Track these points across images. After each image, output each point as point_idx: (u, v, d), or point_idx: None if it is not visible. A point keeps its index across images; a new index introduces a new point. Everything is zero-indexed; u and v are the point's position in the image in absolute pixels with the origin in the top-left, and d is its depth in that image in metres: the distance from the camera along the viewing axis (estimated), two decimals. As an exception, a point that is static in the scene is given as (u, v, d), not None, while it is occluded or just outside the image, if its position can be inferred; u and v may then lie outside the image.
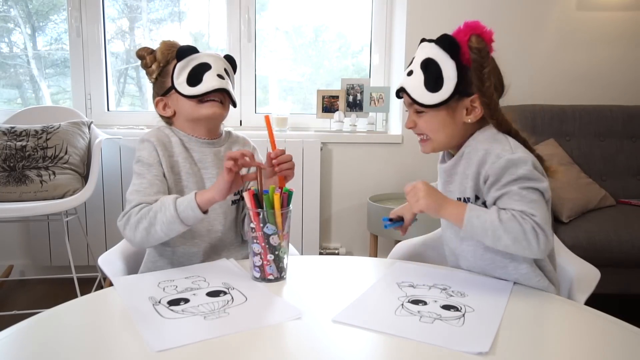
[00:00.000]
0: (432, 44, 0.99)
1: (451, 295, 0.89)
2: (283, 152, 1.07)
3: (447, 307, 0.84)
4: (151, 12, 2.76)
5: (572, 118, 2.41)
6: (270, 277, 0.95)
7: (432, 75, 0.97)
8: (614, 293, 1.82)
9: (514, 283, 0.97)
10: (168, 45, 1.19)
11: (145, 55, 1.20)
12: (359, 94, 2.66)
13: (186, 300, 0.85)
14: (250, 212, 0.94)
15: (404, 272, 1.02)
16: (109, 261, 1.12)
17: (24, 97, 2.75)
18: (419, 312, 0.82)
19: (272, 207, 0.93)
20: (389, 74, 2.73)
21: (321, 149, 2.47)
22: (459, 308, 0.84)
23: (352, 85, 2.65)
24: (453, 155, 1.07)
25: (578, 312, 0.87)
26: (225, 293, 0.89)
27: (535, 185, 0.92)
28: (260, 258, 0.94)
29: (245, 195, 0.95)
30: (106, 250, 1.17)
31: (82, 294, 1.09)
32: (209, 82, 1.14)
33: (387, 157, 2.57)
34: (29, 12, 2.70)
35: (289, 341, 0.74)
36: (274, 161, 1.05)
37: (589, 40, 2.55)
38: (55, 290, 2.40)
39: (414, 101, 0.99)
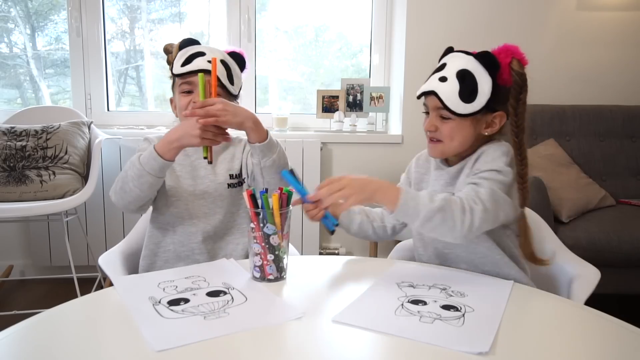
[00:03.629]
0: (471, 57, 1.03)
1: (451, 295, 0.89)
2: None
3: (447, 307, 0.84)
4: (151, 12, 2.76)
5: (572, 118, 2.41)
6: (270, 277, 0.95)
7: (468, 86, 1.01)
8: (614, 293, 1.82)
9: (514, 283, 0.97)
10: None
11: (170, 50, 1.27)
12: (359, 94, 2.66)
13: (186, 300, 0.85)
14: (249, 212, 0.95)
15: (404, 272, 1.02)
16: (109, 261, 1.12)
17: (24, 97, 2.75)
18: (418, 312, 0.82)
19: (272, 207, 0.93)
20: (389, 74, 2.73)
21: (321, 149, 2.47)
22: (459, 308, 0.84)
23: (352, 85, 2.65)
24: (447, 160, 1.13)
25: (578, 312, 0.87)
26: (225, 293, 0.89)
27: (500, 195, 0.97)
28: (260, 258, 0.94)
29: (244, 195, 0.96)
30: (106, 250, 1.18)
31: (82, 294, 1.09)
32: (197, 62, 1.17)
33: (387, 157, 2.57)
34: (29, 12, 2.70)
35: (289, 341, 0.74)
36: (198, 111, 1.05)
37: (588, 40, 2.55)
38: (55, 290, 2.40)
39: (446, 107, 1.02)
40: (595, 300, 0.97)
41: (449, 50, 1.09)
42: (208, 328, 0.75)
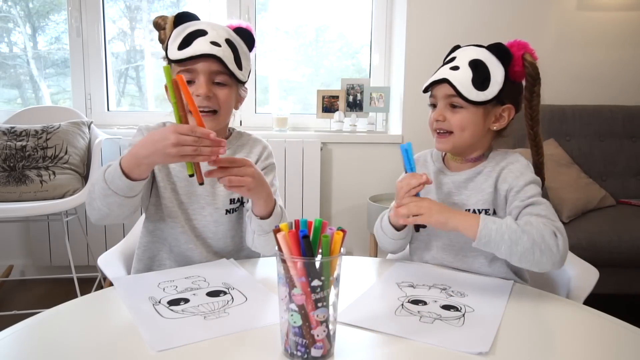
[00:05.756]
0: (482, 49, 1.02)
1: (451, 295, 0.89)
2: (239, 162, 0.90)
3: (447, 307, 0.84)
4: (151, 12, 2.76)
5: (572, 118, 2.41)
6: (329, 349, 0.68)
7: (481, 75, 0.99)
8: (614, 293, 1.82)
9: (514, 283, 0.97)
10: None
11: (162, 25, 1.10)
12: (359, 94, 2.66)
13: (186, 300, 0.85)
14: (297, 272, 0.63)
15: (403, 272, 1.02)
16: (109, 261, 1.12)
17: (24, 97, 2.75)
18: (419, 312, 0.82)
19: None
20: (389, 74, 2.73)
21: (321, 149, 2.47)
22: (459, 308, 0.84)
23: (352, 85, 2.65)
24: (445, 166, 1.12)
25: (578, 312, 0.87)
26: (225, 293, 0.89)
27: (551, 206, 0.97)
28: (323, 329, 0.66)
29: (283, 238, 0.64)
30: (106, 250, 1.17)
31: (82, 294, 1.09)
32: (198, 46, 0.99)
33: (387, 157, 2.57)
34: (29, 12, 2.70)
35: (289, 341, 0.74)
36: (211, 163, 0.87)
37: (589, 40, 2.55)
38: (55, 290, 2.40)
39: (459, 94, 0.99)
40: (596, 300, 0.97)
41: (456, 47, 1.08)
42: (208, 328, 0.75)
